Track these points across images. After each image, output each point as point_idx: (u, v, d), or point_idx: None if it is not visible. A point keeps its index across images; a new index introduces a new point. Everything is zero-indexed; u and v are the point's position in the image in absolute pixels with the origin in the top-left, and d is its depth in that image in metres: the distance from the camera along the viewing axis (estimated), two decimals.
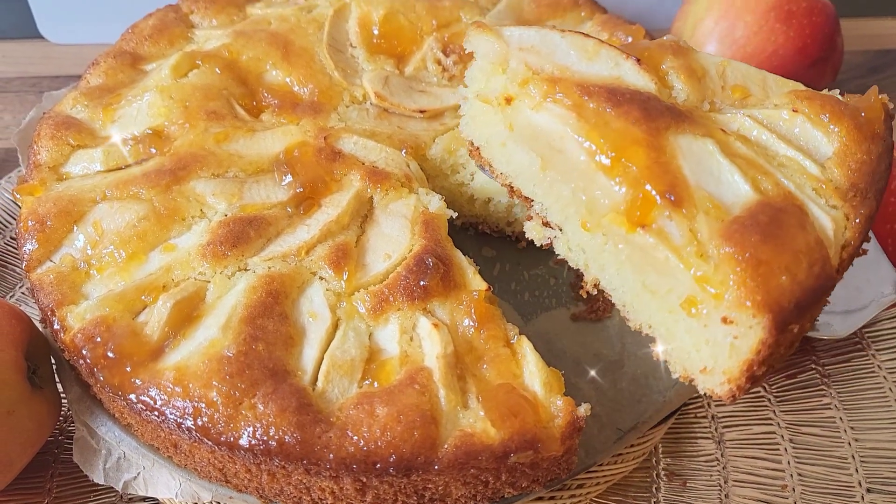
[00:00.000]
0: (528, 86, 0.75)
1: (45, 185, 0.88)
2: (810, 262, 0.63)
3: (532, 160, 0.77)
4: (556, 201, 0.76)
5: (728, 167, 0.68)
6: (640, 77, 0.75)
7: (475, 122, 0.84)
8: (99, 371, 0.74)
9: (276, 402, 0.70)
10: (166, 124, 0.92)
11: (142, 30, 1.06)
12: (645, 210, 0.66)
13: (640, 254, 0.68)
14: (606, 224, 0.70)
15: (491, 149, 0.82)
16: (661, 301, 0.69)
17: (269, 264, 0.81)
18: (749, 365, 0.64)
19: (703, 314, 0.66)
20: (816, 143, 0.72)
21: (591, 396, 0.86)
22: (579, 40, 0.77)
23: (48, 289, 0.80)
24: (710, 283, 0.64)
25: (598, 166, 0.69)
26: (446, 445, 0.70)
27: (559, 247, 0.79)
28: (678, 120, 0.70)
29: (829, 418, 0.94)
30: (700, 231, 0.65)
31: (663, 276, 0.68)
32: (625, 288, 0.73)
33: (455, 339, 0.77)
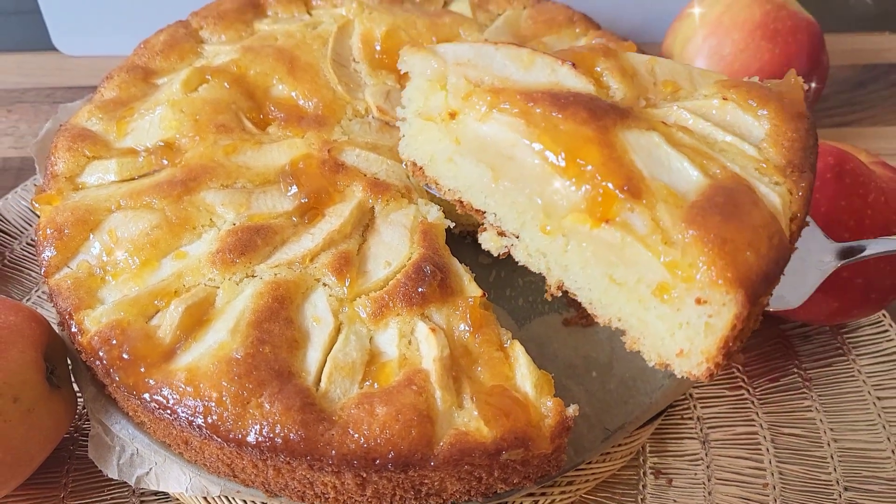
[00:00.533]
0: (472, 98, 0.76)
1: (62, 195, 0.92)
2: (769, 235, 0.66)
3: (482, 172, 0.78)
4: (510, 209, 0.78)
5: (676, 156, 0.70)
6: (578, 80, 0.77)
7: (416, 142, 0.85)
8: (114, 371, 0.78)
9: (281, 401, 0.75)
10: (177, 137, 0.96)
11: (153, 45, 1.10)
12: (607, 205, 0.68)
13: (606, 249, 0.70)
14: (568, 224, 0.72)
15: (436, 166, 0.83)
16: (631, 292, 0.71)
17: (275, 271, 0.85)
18: (725, 341, 0.66)
19: (675, 299, 0.68)
20: (748, 127, 0.76)
21: (581, 398, 0.91)
22: (513, 51, 0.79)
23: (66, 294, 0.84)
24: (679, 267, 0.66)
25: (553, 169, 0.71)
26: (442, 443, 0.74)
27: (518, 254, 0.80)
28: (622, 116, 0.73)
29: (810, 420, 0.98)
30: (662, 219, 0.67)
31: (631, 267, 0.70)
32: (591, 285, 0.75)
33: (451, 343, 0.81)
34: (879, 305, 0.97)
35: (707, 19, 1.18)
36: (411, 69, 0.82)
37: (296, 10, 1.18)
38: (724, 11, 1.16)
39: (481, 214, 0.81)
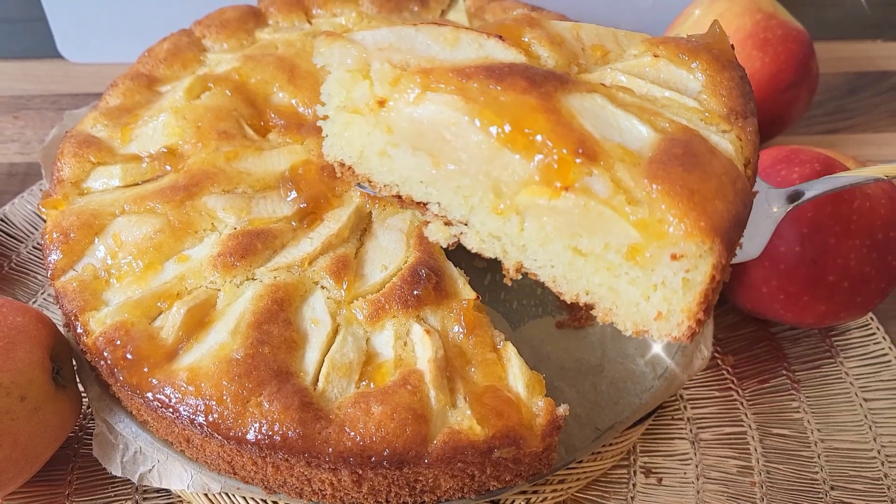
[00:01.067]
0: (401, 83, 0.72)
1: (67, 200, 0.95)
2: (732, 180, 0.64)
3: (421, 159, 0.74)
4: (455, 195, 0.74)
5: (623, 115, 0.68)
6: (508, 52, 0.74)
7: (342, 139, 0.80)
8: (119, 371, 0.81)
9: (280, 400, 0.77)
10: (180, 143, 0.98)
11: (157, 53, 1.13)
12: (563, 172, 0.65)
13: (568, 219, 0.67)
14: (524, 200, 0.69)
15: (368, 161, 0.79)
16: (598, 261, 0.69)
17: (274, 274, 0.87)
18: (705, 295, 0.64)
19: (649, 259, 0.65)
20: (684, 80, 0.74)
21: (573, 398, 0.93)
22: (434, 30, 0.75)
23: (72, 296, 0.87)
24: (649, 225, 0.64)
25: (499, 143, 0.68)
26: (435, 441, 0.76)
27: (470, 241, 0.77)
28: (562, 82, 0.70)
29: (798, 420, 1.01)
30: (623, 179, 0.64)
31: (596, 234, 0.67)
32: (554, 261, 0.72)
33: (445, 345, 0.83)
34: (865, 309, 0.99)
35: (699, 27, 1.20)
36: (328, 61, 0.76)
37: (296, 20, 1.21)
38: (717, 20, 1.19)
39: (423, 207, 0.77)
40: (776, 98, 1.17)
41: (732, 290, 1.05)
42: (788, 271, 0.96)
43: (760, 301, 1.02)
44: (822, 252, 0.95)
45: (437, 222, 0.77)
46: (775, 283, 0.98)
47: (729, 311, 1.12)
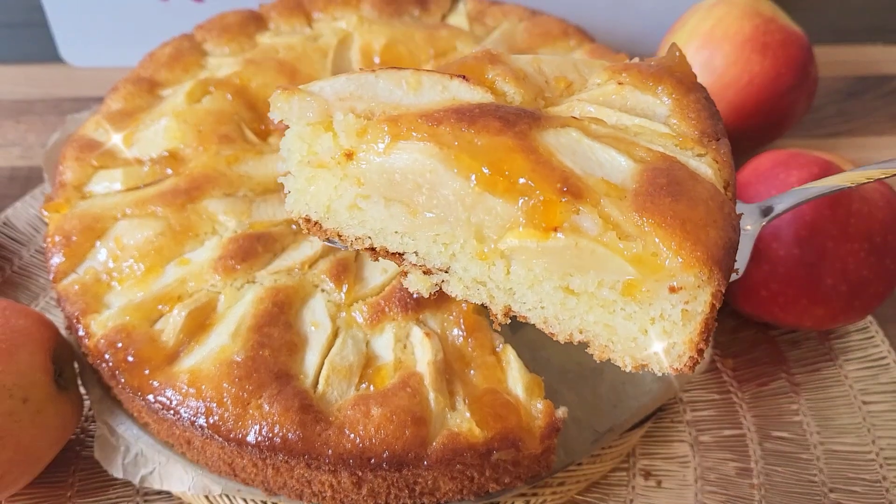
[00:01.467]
0: (367, 134, 0.69)
1: (69, 203, 0.95)
2: (719, 205, 0.63)
3: (395, 210, 0.71)
4: (434, 244, 0.71)
5: (600, 147, 0.67)
6: (473, 91, 0.72)
7: (307, 194, 0.74)
8: (120, 374, 0.81)
9: (280, 402, 0.77)
10: (181, 147, 0.99)
11: (158, 57, 1.13)
12: (549, 213, 0.64)
13: (558, 260, 0.66)
14: (512, 242, 0.66)
15: (337, 216, 0.73)
16: (592, 299, 0.67)
17: (275, 277, 0.88)
18: (705, 324, 0.64)
19: (646, 293, 0.64)
20: (651, 106, 0.73)
21: (573, 401, 0.93)
22: (395, 74, 0.72)
23: (73, 298, 0.87)
24: (644, 259, 0.63)
25: (480, 188, 0.65)
26: (435, 443, 0.77)
27: (453, 288, 0.72)
28: (535, 118, 0.68)
29: (797, 423, 1.01)
30: (611, 214, 0.63)
31: (589, 272, 0.65)
32: (545, 303, 0.69)
33: (445, 348, 0.84)
34: (864, 312, 0.99)
35: (699, 31, 1.20)
36: (287, 116, 0.71)
37: (297, 24, 1.21)
38: (716, 24, 1.19)
39: (399, 257, 0.73)
40: (775, 102, 1.17)
41: (732, 294, 1.05)
42: (787, 275, 0.97)
43: (760, 304, 1.02)
44: (820, 256, 0.95)
45: (416, 272, 0.73)
46: (774, 286, 0.98)
47: (728, 314, 1.12)
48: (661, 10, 1.50)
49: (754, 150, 1.27)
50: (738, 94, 1.17)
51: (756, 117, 1.19)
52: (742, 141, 1.23)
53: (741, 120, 1.19)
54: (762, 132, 1.23)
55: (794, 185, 0.98)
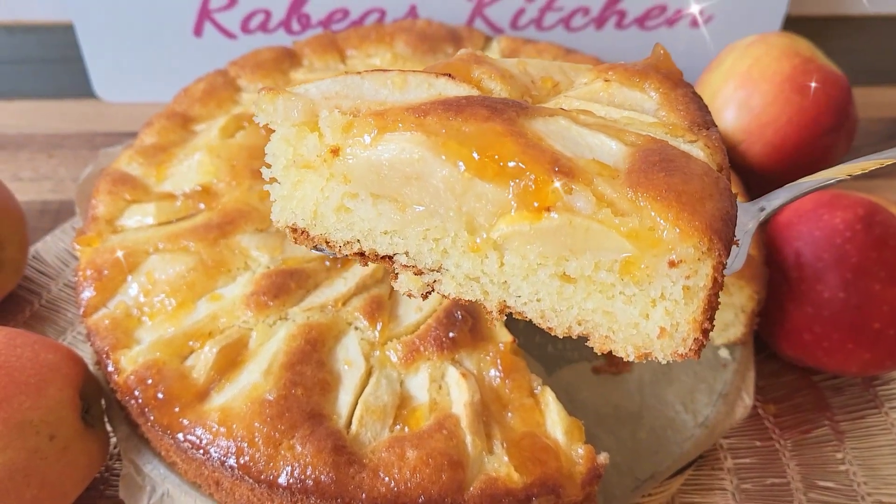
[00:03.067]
0: (354, 129, 0.67)
1: (101, 237, 0.95)
2: (714, 180, 0.62)
3: (383, 207, 0.68)
4: (425, 241, 0.69)
5: (589, 133, 0.65)
6: (459, 88, 0.70)
7: (293, 200, 0.71)
8: (149, 411, 0.80)
9: (313, 443, 0.75)
10: (214, 182, 0.98)
11: (193, 93, 1.14)
12: (542, 193, 0.62)
13: (552, 242, 0.63)
14: (503, 231, 0.64)
15: (324, 220, 0.71)
16: (589, 284, 0.65)
17: (307, 314, 0.86)
18: (708, 301, 0.61)
19: (645, 271, 0.62)
20: (639, 101, 0.72)
21: (611, 446, 0.90)
22: (381, 75, 0.71)
23: (104, 333, 0.86)
24: (641, 234, 0.60)
25: (470, 174, 0.64)
26: (472, 488, 0.74)
27: (446, 287, 0.70)
28: (522, 108, 0.67)
29: (843, 472, 0.97)
30: (605, 192, 0.61)
31: (585, 253, 0.63)
32: (540, 293, 0.67)
33: (482, 389, 0.81)
34: None
35: (736, 71, 1.19)
36: (272, 118, 0.69)
37: (330, 61, 1.22)
38: (754, 64, 1.18)
39: (389, 260, 0.71)
40: (815, 142, 1.15)
41: (773, 337, 1.02)
42: (832, 318, 0.94)
43: (803, 348, 0.99)
44: (866, 298, 0.92)
45: (407, 273, 0.71)
46: (818, 329, 0.96)
47: (769, 357, 1.09)
48: (696, 50, 1.50)
49: None
50: (777, 134, 1.16)
51: (794, 157, 1.17)
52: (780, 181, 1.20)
53: (780, 159, 1.17)
54: (801, 172, 1.20)
55: (839, 226, 0.96)
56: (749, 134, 1.17)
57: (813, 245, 0.96)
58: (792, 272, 0.97)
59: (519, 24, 1.47)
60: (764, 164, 1.18)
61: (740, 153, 1.18)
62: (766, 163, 1.18)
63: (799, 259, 0.97)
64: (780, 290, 0.98)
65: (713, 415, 0.92)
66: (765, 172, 1.19)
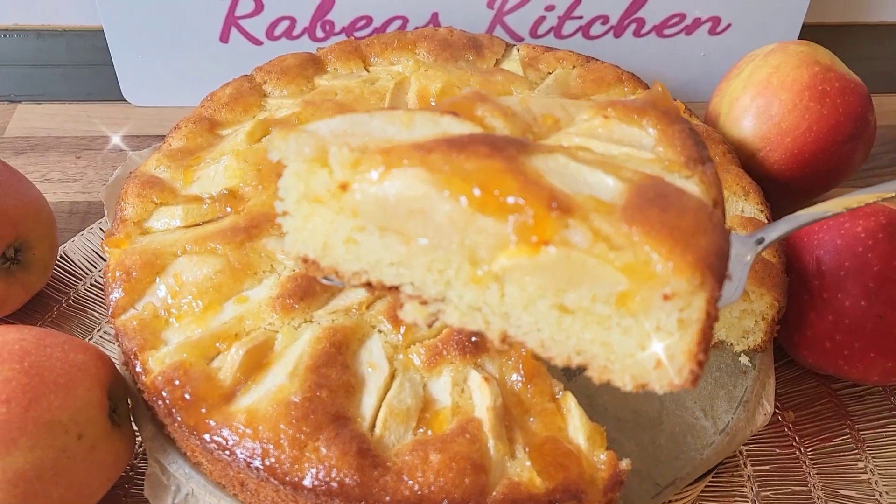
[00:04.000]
0: (361, 165, 0.69)
1: (130, 239, 0.96)
2: (707, 216, 0.63)
3: (390, 240, 0.70)
4: (429, 272, 0.70)
5: (588, 169, 0.67)
6: (463, 126, 0.72)
7: (304, 232, 0.74)
8: (177, 412, 0.81)
9: (338, 445, 0.76)
10: (241, 185, 1.00)
11: (219, 98, 1.15)
12: (540, 228, 0.64)
13: (550, 275, 0.65)
14: (503, 263, 0.66)
15: (333, 251, 0.73)
16: (586, 316, 0.66)
17: (332, 317, 0.87)
18: (703, 333, 0.62)
19: (639, 304, 0.63)
20: (637, 137, 0.74)
21: (631, 452, 0.90)
22: (388, 113, 0.74)
23: (132, 334, 0.87)
24: (635, 268, 0.62)
25: (472, 209, 0.66)
26: (495, 493, 0.75)
27: (450, 317, 0.71)
28: (522, 145, 0.69)
29: (865, 482, 0.97)
30: (601, 227, 0.62)
31: (582, 286, 0.65)
32: (540, 324, 0.68)
33: (504, 393, 0.82)
34: None
35: (755, 79, 1.19)
36: (284, 154, 0.71)
37: (354, 67, 1.23)
38: (773, 72, 1.18)
39: (395, 291, 0.72)
40: (834, 150, 1.15)
41: (793, 344, 1.02)
42: (854, 326, 0.94)
43: (823, 356, 0.99)
44: (890, 306, 0.92)
45: (413, 303, 0.72)
46: (839, 337, 0.96)
47: (787, 364, 1.09)
48: (714, 58, 1.50)
49: (811, 198, 1.25)
50: (796, 142, 1.16)
51: (813, 165, 1.17)
52: (799, 189, 1.21)
53: (798, 168, 1.17)
54: (820, 180, 1.21)
55: (860, 234, 0.96)
56: (768, 142, 1.17)
57: (834, 253, 0.96)
58: (813, 280, 0.97)
59: (538, 32, 1.48)
60: (783, 172, 1.18)
61: (759, 161, 1.18)
62: (785, 171, 1.18)
63: (820, 267, 0.97)
64: (801, 297, 0.99)
65: (733, 421, 0.93)
66: (784, 180, 1.19)
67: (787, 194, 1.20)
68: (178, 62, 1.44)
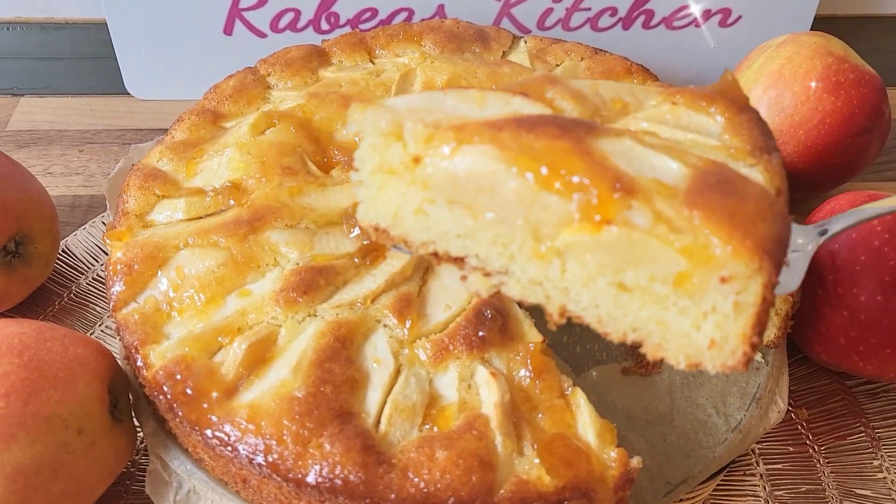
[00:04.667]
0: (434, 140, 0.72)
1: (132, 232, 0.95)
2: (769, 204, 0.64)
3: (458, 213, 0.72)
4: (494, 245, 0.72)
5: (653, 153, 0.69)
6: (534, 107, 0.75)
7: (377, 202, 0.76)
8: (178, 407, 0.79)
9: (342, 442, 0.74)
10: (244, 178, 0.98)
11: (223, 90, 1.14)
12: (603, 208, 0.65)
13: (610, 254, 0.67)
14: (566, 240, 0.68)
15: (404, 221, 0.76)
16: (644, 294, 0.67)
17: (336, 311, 0.85)
18: (758, 317, 0.63)
19: (697, 285, 0.64)
20: (704, 124, 0.75)
21: (642, 449, 0.89)
22: (462, 92, 0.77)
23: (133, 328, 0.86)
24: (695, 250, 0.63)
25: (538, 187, 0.68)
26: (502, 490, 0.73)
27: (511, 290, 0.73)
28: (590, 128, 0.71)
29: (881, 480, 0.95)
30: (663, 210, 0.64)
31: (641, 266, 0.66)
32: (598, 300, 0.69)
33: (511, 389, 0.80)
34: None
35: (766, 71, 1.17)
36: (362, 126, 0.75)
37: (359, 59, 1.21)
38: (784, 64, 1.16)
39: (460, 262, 0.75)
40: (849, 143, 1.13)
41: (807, 340, 1.00)
42: (870, 322, 0.92)
43: (838, 353, 0.97)
44: None
45: (476, 274, 0.75)
46: (855, 334, 0.94)
47: (800, 361, 1.07)
48: (725, 50, 1.48)
49: (825, 191, 1.23)
50: (809, 134, 1.14)
51: (827, 157, 1.15)
52: (813, 181, 1.19)
53: (812, 160, 1.15)
54: (834, 173, 1.19)
55: (875, 228, 0.94)
56: (781, 134, 1.15)
57: (849, 247, 0.94)
58: (827, 275, 0.95)
59: (546, 24, 1.46)
60: (796, 165, 1.16)
61: None
62: (799, 163, 1.16)
63: (835, 261, 0.95)
64: (815, 293, 0.96)
65: (746, 419, 0.91)
66: (797, 173, 1.17)
67: (799, 187, 1.18)
68: (182, 55, 1.43)
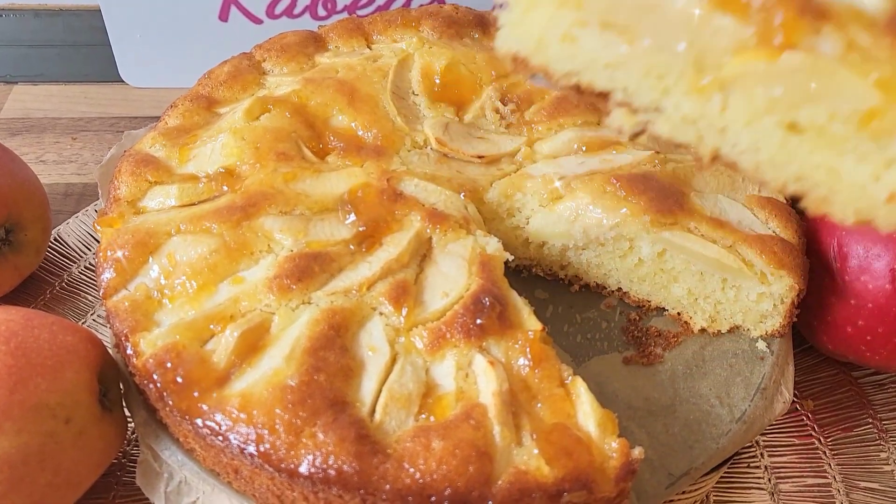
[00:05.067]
0: None
1: (123, 219, 0.93)
2: None
3: (610, 38, 0.66)
4: (647, 77, 0.66)
5: None
6: None
7: (521, 26, 0.70)
8: (168, 395, 0.77)
9: (335, 431, 0.72)
10: (238, 164, 0.96)
11: (217, 76, 1.12)
12: (789, 29, 0.58)
13: (789, 85, 0.59)
14: (737, 67, 0.61)
15: (547, 48, 0.69)
16: (818, 137, 0.60)
17: (331, 298, 0.83)
18: None
19: (886, 126, 0.57)
20: None
21: (643, 440, 0.87)
22: None
23: (123, 315, 0.84)
24: (891, 85, 0.55)
25: (712, 5, 0.60)
26: (500, 481, 0.71)
27: (660, 128, 0.67)
28: None
29: (888, 473, 0.93)
30: (857, 38, 0.56)
31: (821, 102, 0.59)
32: (761, 143, 0.62)
33: (510, 378, 0.78)
34: None
35: None
36: None
37: (356, 44, 1.19)
38: None
39: (604, 97, 0.69)
40: None
41: (813, 330, 0.98)
42: (878, 310, 0.90)
43: (844, 342, 0.95)
44: None
45: (621, 111, 0.68)
46: (862, 323, 0.91)
47: (805, 351, 1.05)
48: None
49: None
50: None
51: None
52: None
53: None
54: None
55: None
56: None
57: (857, 234, 0.92)
58: (834, 263, 0.93)
59: None
60: None
61: None
62: None
63: (841, 249, 0.93)
64: (821, 281, 0.94)
65: (750, 409, 0.89)
66: None
67: None
68: (177, 42, 1.41)
